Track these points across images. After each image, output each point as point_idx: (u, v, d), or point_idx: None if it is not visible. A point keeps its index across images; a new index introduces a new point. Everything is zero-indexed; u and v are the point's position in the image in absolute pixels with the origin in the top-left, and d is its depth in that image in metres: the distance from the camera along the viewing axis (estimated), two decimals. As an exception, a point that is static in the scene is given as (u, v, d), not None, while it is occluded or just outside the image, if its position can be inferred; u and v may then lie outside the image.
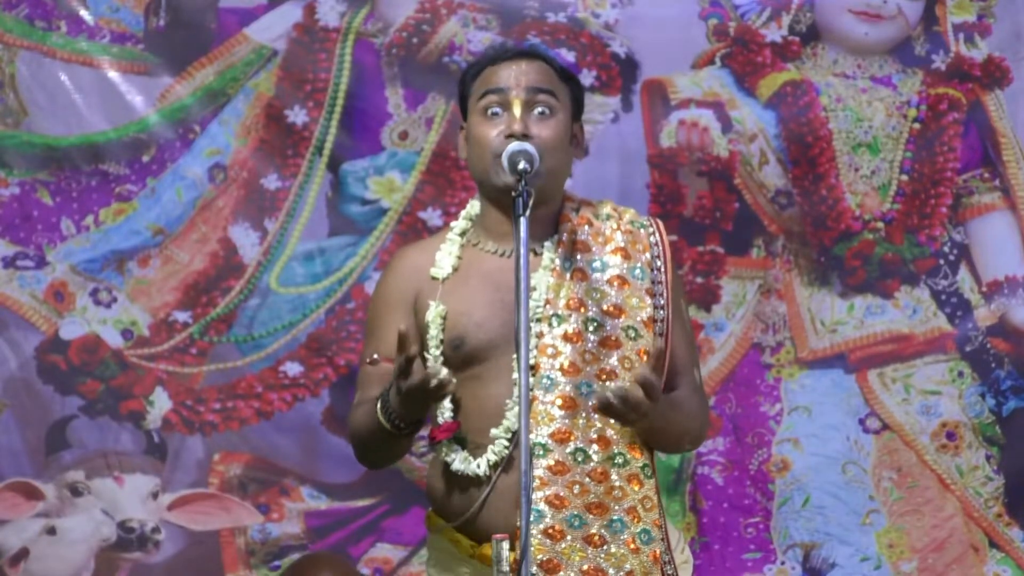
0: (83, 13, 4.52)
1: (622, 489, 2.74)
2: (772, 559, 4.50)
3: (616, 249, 2.83)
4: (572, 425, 2.73)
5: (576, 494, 2.71)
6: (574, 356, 2.75)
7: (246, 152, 4.53)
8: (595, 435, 2.74)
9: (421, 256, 2.90)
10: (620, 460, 2.75)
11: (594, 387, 2.73)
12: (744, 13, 4.52)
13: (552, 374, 2.74)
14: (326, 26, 4.52)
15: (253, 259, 4.52)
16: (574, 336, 2.76)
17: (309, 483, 4.50)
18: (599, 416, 2.71)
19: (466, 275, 2.84)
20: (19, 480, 4.52)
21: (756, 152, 4.50)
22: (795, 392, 4.53)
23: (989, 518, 4.49)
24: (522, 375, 2.55)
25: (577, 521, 2.72)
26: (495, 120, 2.80)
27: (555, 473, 2.71)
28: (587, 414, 2.73)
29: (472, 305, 2.80)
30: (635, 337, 2.77)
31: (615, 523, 2.73)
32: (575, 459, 2.73)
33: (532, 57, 2.86)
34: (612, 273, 2.81)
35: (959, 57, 4.51)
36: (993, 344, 4.51)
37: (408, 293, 2.88)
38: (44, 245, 4.52)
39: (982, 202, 4.53)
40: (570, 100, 2.87)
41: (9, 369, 4.51)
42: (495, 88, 2.81)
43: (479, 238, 2.88)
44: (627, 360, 2.76)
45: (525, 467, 2.54)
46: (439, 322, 2.81)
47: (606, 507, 2.72)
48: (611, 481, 2.73)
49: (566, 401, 2.73)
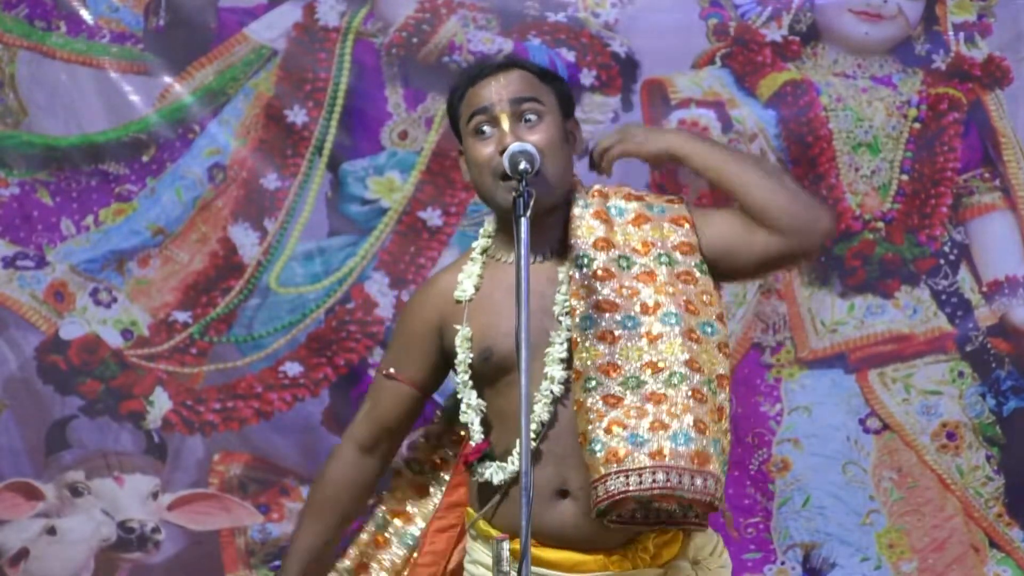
0: (83, 13, 4.52)
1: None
2: (772, 559, 4.50)
3: (641, 244, 2.81)
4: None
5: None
6: (611, 356, 2.74)
7: (246, 152, 4.52)
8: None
9: (446, 279, 2.92)
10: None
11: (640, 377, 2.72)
12: (744, 13, 4.52)
13: (592, 373, 2.74)
14: (326, 26, 4.52)
15: (253, 259, 4.52)
16: (607, 335, 2.75)
17: (309, 483, 4.50)
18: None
19: (490, 291, 2.85)
20: (19, 480, 4.52)
21: (756, 152, 4.50)
22: (795, 392, 4.53)
23: (989, 518, 4.49)
24: (522, 375, 2.55)
25: (634, 382, 2.72)
26: (487, 139, 2.81)
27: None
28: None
29: (498, 317, 2.81)
30: (674, 323, 2.75)
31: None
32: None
33: (509, 68, 2.86)
34: (639, 270, 2.79)
35: (959, 57, 4.51)
36: (993, 344, 4.51)
37: (431, 320, 2.91)
38: (44, 245, 4.51)
39: (982, 202, 4.53)
40: (556, 100, 2.86)
41: (9, 369, 4.51)
42: (480, 108, 2.82)
43: (499, 252, 2.89)
44: (672, 343, 2.75)
45: (526, 467, 2.54)
46: (466, 345, 2.84)
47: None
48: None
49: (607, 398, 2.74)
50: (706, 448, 2.68)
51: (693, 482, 2.67)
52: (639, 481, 2.66)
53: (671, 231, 2.82)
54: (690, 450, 2.66)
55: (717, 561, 2.88)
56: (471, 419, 2.84)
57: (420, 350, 2.92)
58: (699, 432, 2.67)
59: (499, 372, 2.81)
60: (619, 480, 2.66)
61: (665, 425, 2.67)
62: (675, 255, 2.80)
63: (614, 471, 2.66)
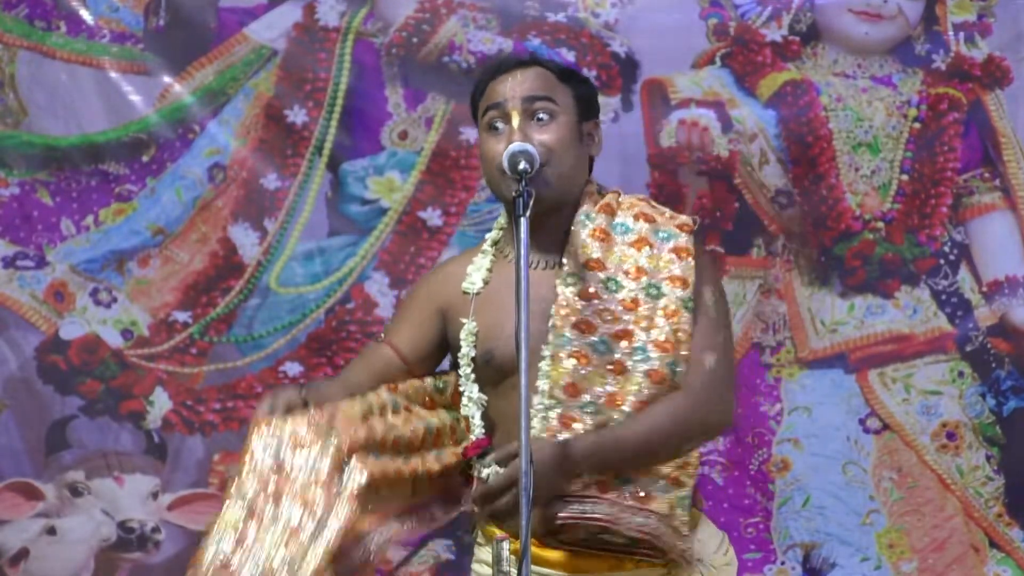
0: (83, 13, 4.52)
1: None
2: (772, 559, 4.50)
3: (635, 269, 2.79)
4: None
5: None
6: (575, 377, 2.74)
7: (246, 152, 4.53)
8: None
9: (456, 268, 2.92)
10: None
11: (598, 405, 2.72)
12: (744, 13, 4.52)
13: (555, 392, 2.74)
14: (326, 26, 4.52)
15: (253, 259, 4.52)
16: (579, 356, 2.74)
17: (309, 483, 4.50)
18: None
19: (496, 288, 2.85)
20: (19, 480, 4.52)
21: (756, 152, 4.50)
22: (795, 392, 4.53)
23: (989, 518, 4.49)
24: (522, 376, 2.55)
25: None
26: (498, 135, 2.80)
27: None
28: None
29: (501, 318, 2.81)
30: (639, 359, 2.74)
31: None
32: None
33: (527, 65, 2.86)
34: (624, 295, 2.77)
35: (959, 57, 4.51)
36: (993, 344, 4.50)
37: (436, 303, 2.90)
38: (44, 245, 4.52)
39: (982, 202, 4.53)
40: (574, 100, 2.85)
41: (9, 369, 4.51)
42: (494, 103, 2.82)
43: (507, 247, 2.89)
44: (633, 379, 2.75)
45: (525, 467, 2.53)
46: (471, 340, 2.84)
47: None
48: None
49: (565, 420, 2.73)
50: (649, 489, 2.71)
51: (632, 519, 2.70)
52: (581, 509, 2.69)
53: (669, 261, 2.79)
54: (634, 489, 2.70)
55: (723, 559, 2.87)
56: (472, 412, 2.84)
57: (417, 323, 2.90)
58: (645, 473, 2.71)
59: (500, 375, 2.81)
60: (559, 505, 2.69)
61: None
62: (664, 286, 2.77)
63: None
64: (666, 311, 2.75)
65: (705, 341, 2.77)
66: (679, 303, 2.76)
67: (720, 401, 2.79)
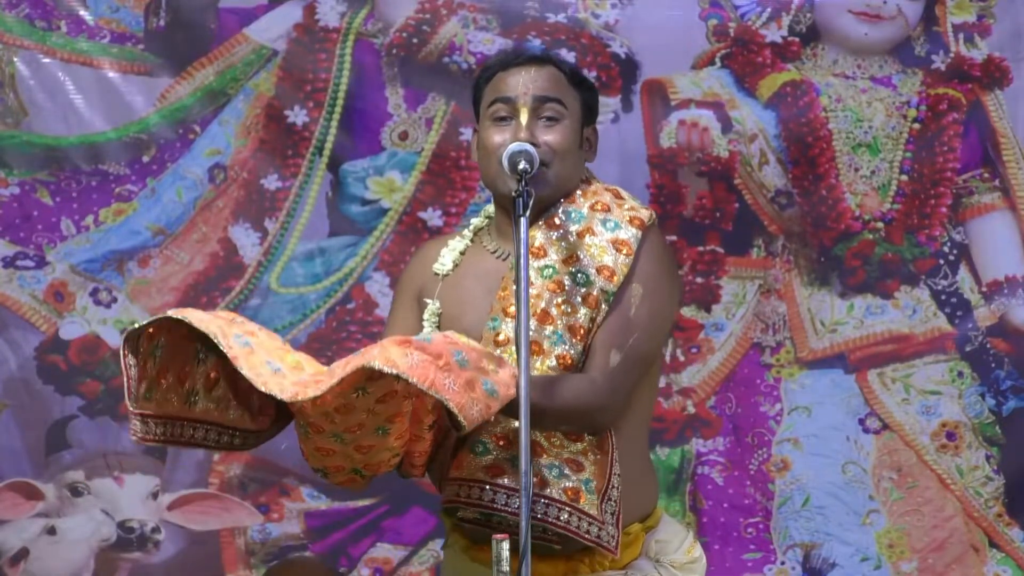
0: (83, 13, 4.52)
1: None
2: (772, 559, 4.50)
3: (570, 256, 2.78)
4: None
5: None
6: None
7: (246, 152, 4.53)
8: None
9: (432, 250, 2.94)
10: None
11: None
12: (744, 13, 4.52)
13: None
14: (326, 26, 4.52)
15: (253, 259, 4.52)
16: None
17: (309, 483, 4.50)
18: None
19: (464, 273, 2.86)
20: (19, 480, 4.52)
21: (756, 152, 4.50)
22: (795, 392, 4.53)
23: (989, 518, 4.50)
24: (522, 375, 2.55)
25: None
26: (503, 127, 2.80)
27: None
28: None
29: (462, 308, 2.82)
30: (555, 343, 2.74)
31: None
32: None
33: (542, 63, 2.84)
34: (551, 279, 2.77)
35: (959, 57, 4.51)
36: (993, 344, 4.51)
37: (415, 286, 2.92)
38: (44, 245, 4.52)
39: (982, 202, 4.53)
40: (580, 105, 2.85)
41: (9, 369, 4.52)
42: (503, 96, 2.81)
43: (486, 236, 2.90)
44: (546, 362, 2.74)
45: (525, 467, 2.53)
46: (434, 320, 2.85)
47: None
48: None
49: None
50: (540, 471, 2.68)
51: (532, 508, 2.62)
52: (479, 496, 2.69)
53: (603, 251, 2.77)
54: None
55: (684, 558, 2.85)
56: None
57: (402, 316, 2.92)
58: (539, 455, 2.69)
59: None
60: (454, 488, 2.71)
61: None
62: (590, 273, 2.75)
63: (463, 478, 2.70)
64: (587, 299, 2.75)
65: (613, 339, 2.73)
66: (601, 294, 2.74)
67: (610, 405, 2.73)
